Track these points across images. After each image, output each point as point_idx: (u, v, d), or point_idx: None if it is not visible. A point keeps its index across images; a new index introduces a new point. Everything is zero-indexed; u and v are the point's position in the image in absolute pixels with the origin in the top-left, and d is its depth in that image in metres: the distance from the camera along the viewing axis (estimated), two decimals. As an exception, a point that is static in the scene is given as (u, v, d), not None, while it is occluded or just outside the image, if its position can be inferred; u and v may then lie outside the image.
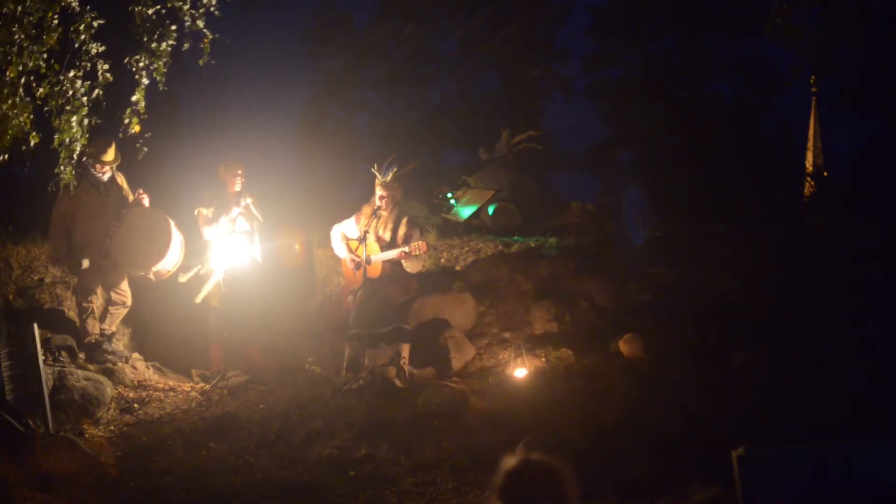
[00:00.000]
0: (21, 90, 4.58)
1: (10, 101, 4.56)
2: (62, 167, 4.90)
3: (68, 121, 4.72)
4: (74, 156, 4.90)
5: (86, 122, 4.77)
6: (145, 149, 5.02)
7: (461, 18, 20.65)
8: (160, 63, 4.70)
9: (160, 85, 4.76)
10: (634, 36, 20.49)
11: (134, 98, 4.76)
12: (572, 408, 5.33)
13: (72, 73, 4.68)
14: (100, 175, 6.20)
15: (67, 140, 4.75)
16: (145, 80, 4.73)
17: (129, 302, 6.43)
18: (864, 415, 4.47)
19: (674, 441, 4.64)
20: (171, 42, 4.68)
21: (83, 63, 4.69)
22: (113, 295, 6.35)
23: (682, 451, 4.45)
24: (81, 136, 4.81)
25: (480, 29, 20.39)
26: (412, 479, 4.66)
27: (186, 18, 4.64)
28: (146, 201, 6.31)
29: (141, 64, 4.68)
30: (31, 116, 4.69)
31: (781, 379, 5.29)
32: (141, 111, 4.80)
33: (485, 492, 4.26)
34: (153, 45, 4.63)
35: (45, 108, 4.76)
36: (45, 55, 4.58)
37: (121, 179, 6.39)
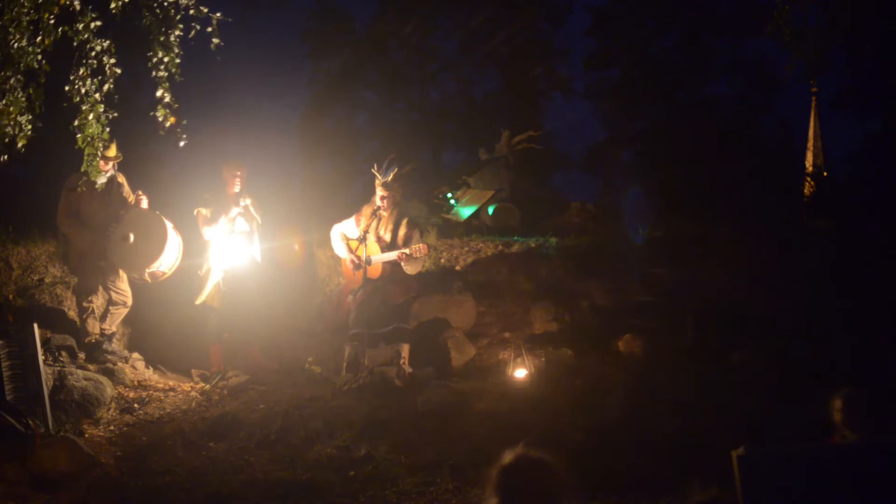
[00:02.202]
0: (20, 91, 4.59)
1: (11, 100, 4.58)
2: (88, 165, 4.96)
3: (86, 118, 4.75)
4: (99, 152, 4.96)
5: (102, 117, 4.81)
6: (185, 136, 4.99)
7: (461, 18, 20.67)
8: (172, 55, 4.73)
9: (176, 77, 4.81)
10: (634, 36, 20.51)
11: (159, 94, 4.82)
12: (572, 408, 5.32)
13: (81, 72, 4.71)
14: (102, 173, 6.20)
15: (90, 137, 4.80)
16: (163, 73, 4.77)
17: (129, 302, 6.44)
18: (863, 414, 4.46)
19: (674, 441, 4.63)
20: (178, 33, 4.72)
21: (90, 61, 4.72)
22: (113, 295, 6.36)
23: (682, 451, 4.45)
24: (102, 132, 4.85)
25: (480, 29, 20.40)
26: (412, 479, 4.65)
27: (191, 6, 4.66)
28: (145, 203, 6.32)
29: (155, 59, 4.72)
30: (30, 116, 4.70)
31: (781, 379, 5.28)
32: (172, 104, 4.84)
33: (484, 491, 4.25)
34: (161, 38, 4.66)
35: (41, 109, 4.77)
36: (40, 55, 4.60)
37: (122, 179, 6.40)
